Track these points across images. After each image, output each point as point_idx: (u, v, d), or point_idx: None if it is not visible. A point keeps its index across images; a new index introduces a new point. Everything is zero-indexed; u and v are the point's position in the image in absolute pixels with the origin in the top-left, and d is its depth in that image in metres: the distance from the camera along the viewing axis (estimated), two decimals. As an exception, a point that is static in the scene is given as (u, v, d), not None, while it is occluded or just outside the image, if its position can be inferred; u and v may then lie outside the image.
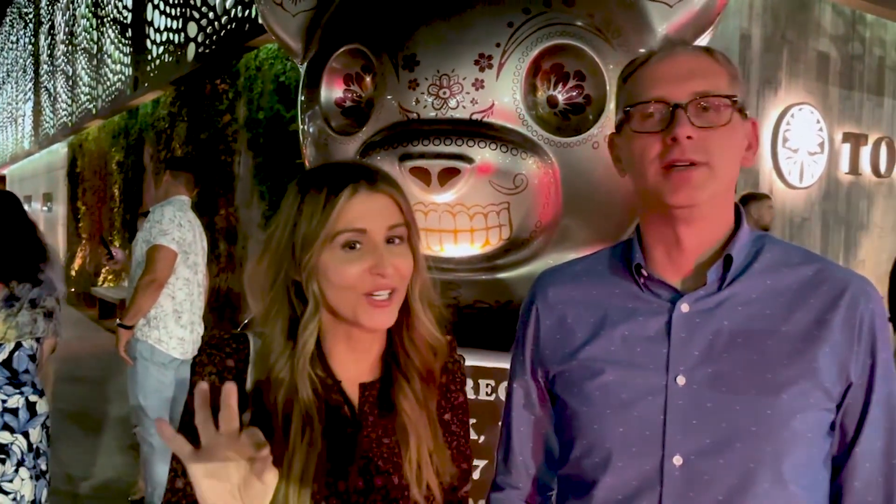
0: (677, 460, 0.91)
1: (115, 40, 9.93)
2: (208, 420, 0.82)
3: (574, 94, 1.66)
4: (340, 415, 0.97)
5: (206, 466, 0.81)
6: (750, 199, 4.05)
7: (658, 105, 0.93)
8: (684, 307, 0.95)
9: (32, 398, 2.34)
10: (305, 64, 1.91)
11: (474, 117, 1.63)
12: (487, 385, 1.68)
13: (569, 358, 1.02)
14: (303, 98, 1.90)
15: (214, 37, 6.68)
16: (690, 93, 0.92)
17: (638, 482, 0.94)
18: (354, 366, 1.00)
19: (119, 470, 4.18)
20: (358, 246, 0.94)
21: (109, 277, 10.72)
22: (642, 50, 1.62)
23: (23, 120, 17.27)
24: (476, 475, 1.68)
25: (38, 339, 2.36)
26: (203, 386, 0.82)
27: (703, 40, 1.79)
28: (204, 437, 0.82)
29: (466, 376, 1.13)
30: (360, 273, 0.93)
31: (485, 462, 1.65)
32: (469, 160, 1.54)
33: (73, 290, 11.96)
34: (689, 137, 0.90)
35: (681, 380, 0.93)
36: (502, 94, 1.62)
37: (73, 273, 12.44)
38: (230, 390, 0.81)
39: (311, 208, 0.94)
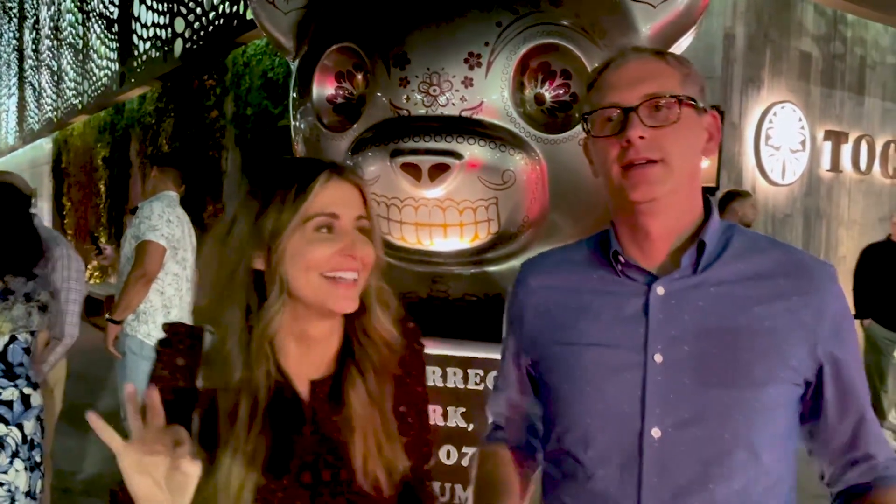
0: (655, 432, 0.97)
1: (101, 35, 9.88)
2: (136, 417, 0.88)
3: (561, 91, 1.70)
4: (288, 411, 1.00)
5: (133, 459, 0.87)
6: (733, 197, 4.11)
7: (612, 110, 1.00)
8: (660, 290, 1.01)
9: (27, 391, 2.36)
10: (297, 61, 1.94)
11: (464, 114, 1.67)
12: (476, 375, 1.73)
13: (551, 341, 1.08)
14: (294, 95, 1.94)
15: (202, 32, 6.68)
16: (641, 95, 0.98)
17: (619, 456, 0.99)
18: (306, 363, 1.03)
19: (109, 463, 4.10)
20: (330, 229, 0.98)
21: (96, 274, 10.67)
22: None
23: (6, 115, 17.14)
24: (465, 462, 1.72)
25: (32, 333, 2.38)
26: (129, 388, 0.89)
27: (686, 40, 1.84)
28: (133, 431, 0.88)
29: (426, 365, 1.16)
30: (330, 254, 0.97)
31: (473, 450, 1.69)
32: (458, 156, 1.58)
33: (58, 286, 11.86)
34: (641, 137, 0.97)
35: (658, 358, 0.99)
36: (491, 91, 1.66)
37: (58, 269, 12.34)
38: (152, 392, 0.89)
39: (280, 198, 0.97)
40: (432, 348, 1.74)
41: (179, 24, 7.09)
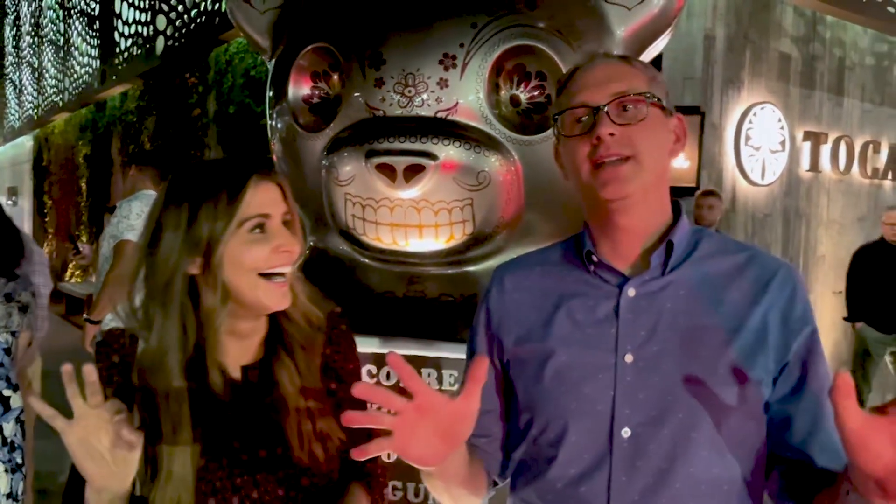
0: (625, 432, 0.98)
1: (83, 32, 9.79)
2: (76, 395, 0.94)
3: (536, 93, 1.71)
4: (223, 396, 1.06)
5: (77, 435, 0.93)
6: (699, 196, 4.17)
7: (582, 110, 1.02)
8: (631, 291, 1.03)
9: (6, 392, 2.33)
10: (273, 61, 1.94)
11: (439, 115, 1.67)
12: (451, 375, 1.73)
13: (523, 342, 1.08)
14: (271, 94, 1.93)
15: (184, 30, 6.64)
16: (610, 94, 1.00)
17: (590, 456, 1.00)
18: (237, 351, 1.10)
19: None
20: (264, 229, 1.04)
21: (77, 273, 10.59)
22: (602, 52, 1.67)
23: (-14, 112, 16.93)
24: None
25: (13, 334, 2.35)
26: (67, 367, 0.93)
27: (661, 42, 1.86)
28: (75, 409, 0.94)
29: (355, 343, 1.22)
30: (268, 253, 1.03)
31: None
32: (433, 157, 1.59)
33: (39, 285, 11.75)
34: (611, 135, 0.99)
35: (628, 358, 1.00)
36: (466, 93, 1.67)
37: (39, 268, 12.22)
38: (90, 370, 0.93)
39: (211, 206, 1.02)
40: (408, 349, 1.75)
41: (161, 22, 7.05)
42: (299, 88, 1.83)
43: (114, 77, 8.52)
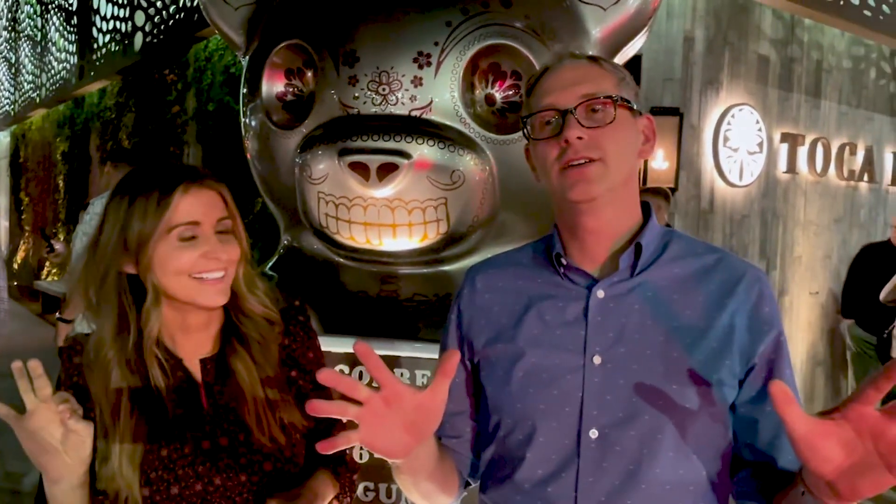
0: (593, 433, 0.98)
1: (60, 28, 9.67)
2: (27, 391, 0.97)
3: (511, 92, 1.70)
4: (182, 388, 1.11)
5: (28, 428, 0.98)
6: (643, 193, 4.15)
7: (550, 113, 1.01)
8: (600, 293, 1.03)
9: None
10: (248, 57, 1.92)
11: (413, 114, 1.66)
12: (424, 376, 1.72)
13: (494, 342, 1.08)
14: (244, 91, 1.91)
15: (163, 26, 6.57)
16: (578, 97, 1.00)
17: (558, 456, 1.00)
18: (193, 345, 1.14)
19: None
20: (193, 236, 1.07)
21: (54, 271, 10.45)
22: (570, 52, 1.67)
23: (-38, 108, 16.68)
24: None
25: None
26: (16, 364, 0.96)
27: (637, 42, 1.86)
28: (27, 404, 0.97)
29: (316, 332, 1.26)
30: (195, 259, 1.07)
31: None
32: (407, 156, 1.58)
33: (15, 283, 11.63)
34: (579, 138, 0.98)
35: (597, 359, 1.00)
36: (441, 91, 1.66)
37: (15, 266, 12.09)
38: (35, 364, 0.96)
39: (142, 208, 1.05)
40: (381, 349, 1.74)
41: (140, 18, 6.97)
42: (273, 86, 1.81)
43: (92, 73, 8.42)
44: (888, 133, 6.14)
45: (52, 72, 10.08)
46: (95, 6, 8.12)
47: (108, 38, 7.84)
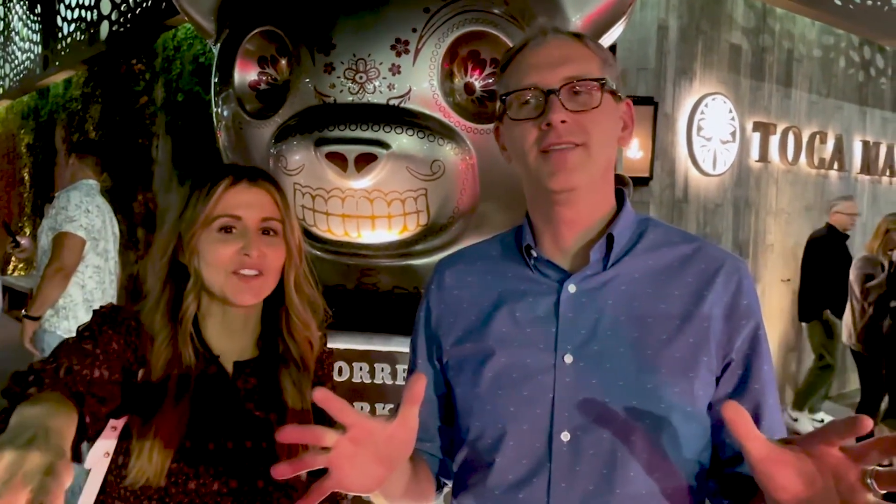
0: (565, 436, 0.93)
1: (24, 16, 9.43)
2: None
3: (490, 81, 1.67)
4: (214, 384, 1.11)
5: None
6: None
7: (532, 92, 0.95)
8: (571, 288, 0.97)
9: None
10: (219, 45, 1.87)
11: (391, 103, 1.62)
12: (405, 371, 1.69)
13: (463, 341, 1.03)
14: (216, 80, 1.86)
15: (129, 14, 6.43)
16: (562, 78, 0.94)
17: (529, 461, 0.95)
18: (229, 344, 1.14)
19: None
20: (233, 230, 1.09)
21: (20, 266, 10.23)
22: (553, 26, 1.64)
23: (-79, 99, 16.22)
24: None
25: None
26: None
27: (616, 30, 1.84)
28: None
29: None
30: (230, 253, 1.08)
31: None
32: (386, 146, 1.54)
33: (-21, 279, 11.36)
34: (563, 122, 0.93)
35: (568, 358, 0.94)
36: (419, 79, 1.62)
37: (-21, 261, 11.82)
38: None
39: (196, 197, 1.10)
40: (360, 344, 1.70)
41: (106, 6, 6.81)
42: (246, 74, 1.76)
43: (57, 63, 8.22)
44: (857, 122, 6.21)
45: (16, 62, 9.84)
46: (59, -6, 7.92)
47: (73, 26, 7.66)
